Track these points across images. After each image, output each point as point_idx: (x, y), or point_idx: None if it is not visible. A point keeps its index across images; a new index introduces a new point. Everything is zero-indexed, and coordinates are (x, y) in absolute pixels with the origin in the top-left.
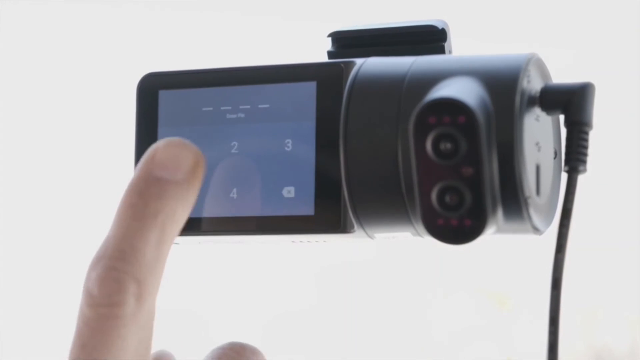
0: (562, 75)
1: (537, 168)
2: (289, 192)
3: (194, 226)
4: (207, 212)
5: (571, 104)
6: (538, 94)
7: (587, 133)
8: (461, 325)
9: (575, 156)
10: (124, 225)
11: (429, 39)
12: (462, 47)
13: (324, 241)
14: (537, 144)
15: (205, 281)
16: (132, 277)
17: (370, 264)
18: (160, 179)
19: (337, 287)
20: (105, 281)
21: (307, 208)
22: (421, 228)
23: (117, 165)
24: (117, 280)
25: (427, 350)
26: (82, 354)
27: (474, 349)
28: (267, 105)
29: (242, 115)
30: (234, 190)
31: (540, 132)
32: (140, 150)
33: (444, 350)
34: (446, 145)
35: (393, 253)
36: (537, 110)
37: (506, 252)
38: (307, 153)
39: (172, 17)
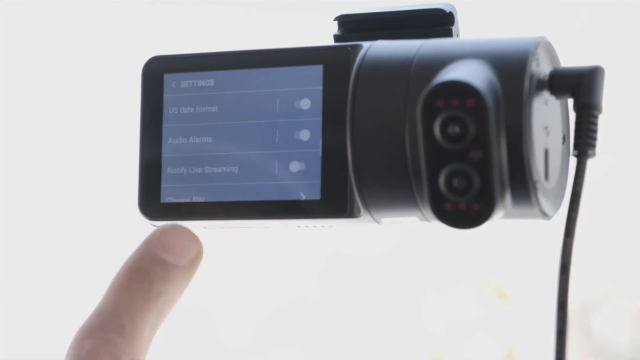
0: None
1: (546, 152)
2: (295, 176)
3: (200, 211)
4: (213, 197)
5: (580, 87)
6: (547, 78)
7: (596, 117)
8: (461, 318)
9: (584, 140)
10: (126, 300)
11: (437, 22)
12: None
13: (330, 226)
14: (545, 128)
15: (204, 273)
16: (129, 356)
17: (369, 256)
18: (165, 261)
19: (336, 279)
20: (101, 355)
21: (313, 192)
22: (429, 212)
23: (120, 157)
24: (116, 356)
25: (426, 343)
26: None
27: (474, 342)
28: (273, 89)
29: (248, 99)
30: (240, 174)
31: (549, 117)
32: (145, 135)
33: (444, 343)
34: (454, 129)
35: (393, 244)
36: (546, 94)
37: (507, 244)
38: (314, 137)
39: (171, 10)
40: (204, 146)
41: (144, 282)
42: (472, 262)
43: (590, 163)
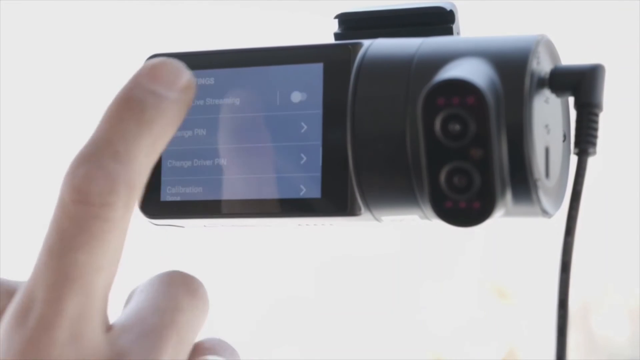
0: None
1: (547, 150)
2: (296, 174)
3: (200, 209)
4: (214, 195)
5: (581, 85)
6: (548, 76)
7: (597, 115)
8: (461, 318)
9: (585, 138)
10: (118, 127)
11: (437, 20)
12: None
13: (331, 224)
14: (546, 126)
15: (204, 273)
16: (124, 180)
17: (369, 256)
18: (155, 92)
19: (337, 278)
20: (98, 180)
21: (314, 190)
22: (429, 211)
23: None
24: (111, 181)
25: (427, 342)
26: (62, 251)
27: (474, 342)
28: (273, 87)
29: (248, 97)
30: (241, 172)
31: (550, 115)
32: None
33: (444, 343)
34: (455, 127)
35: (393, 244)
36: (546, 92)
37: (507, 243)
38: (314, 135)
39: (171, 10)
40: (203, 144)
41: (135, 110)
42: (472, 262)
43: (590, 161)
